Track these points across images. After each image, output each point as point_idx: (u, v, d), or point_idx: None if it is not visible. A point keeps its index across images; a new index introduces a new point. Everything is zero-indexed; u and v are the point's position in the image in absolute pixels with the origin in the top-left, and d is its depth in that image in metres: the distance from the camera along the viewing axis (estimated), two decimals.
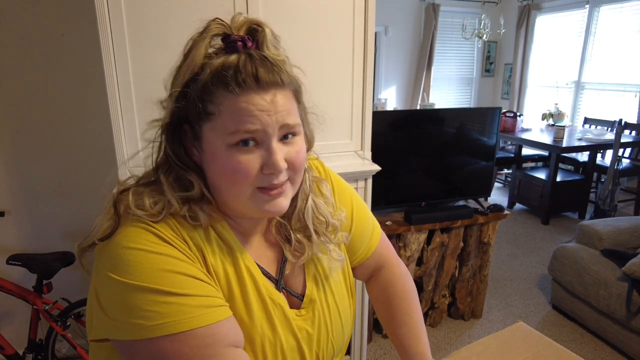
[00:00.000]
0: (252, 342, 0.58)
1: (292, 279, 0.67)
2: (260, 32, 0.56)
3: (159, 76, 1.64)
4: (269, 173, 0.55)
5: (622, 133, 3.44)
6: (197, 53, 0.55)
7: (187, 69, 0.55)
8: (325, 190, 0.71)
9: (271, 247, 0.67)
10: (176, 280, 0.51)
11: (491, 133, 2.33)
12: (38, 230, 1.97)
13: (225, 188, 0.56)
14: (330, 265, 0.69)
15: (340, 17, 1.63)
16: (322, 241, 0.67)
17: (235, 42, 0.54)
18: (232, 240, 0.60)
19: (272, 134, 0.54)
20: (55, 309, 1.73)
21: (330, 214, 0.69)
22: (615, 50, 4.45)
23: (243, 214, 0.61)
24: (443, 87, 5.88)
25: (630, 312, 2.02)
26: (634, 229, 2.44)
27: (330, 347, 0.68)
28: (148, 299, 0.49)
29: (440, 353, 2.24)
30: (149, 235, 0.53)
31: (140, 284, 0.49)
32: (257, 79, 0.52)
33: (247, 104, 0.52)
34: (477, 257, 2.40)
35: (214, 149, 0.54)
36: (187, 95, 0.54)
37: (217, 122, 0.53)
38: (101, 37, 1.39)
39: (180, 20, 1.47)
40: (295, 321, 0.63)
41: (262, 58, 0.54)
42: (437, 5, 5.29)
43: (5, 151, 1.85)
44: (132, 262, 0.50)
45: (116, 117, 1.45)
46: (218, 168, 0.55)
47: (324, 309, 0.68)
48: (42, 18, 1.76)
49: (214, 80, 0.52)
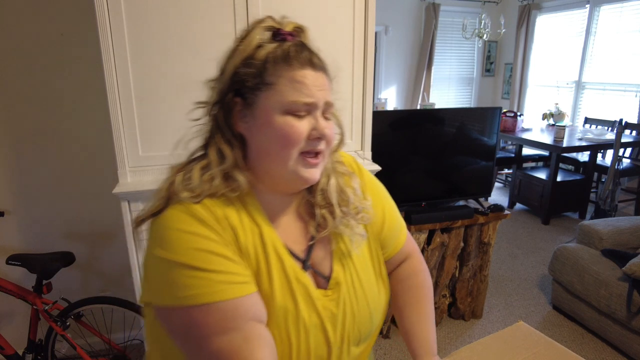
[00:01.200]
0: (276, 317, 0.63)
1: (320, 261, 0.71)
2: (303, 33, 0.67)
3: (159, 76, 1.64)
4: (315, 138, 0.63)
5: (622, 133, 3.43)
6: (251, 39, 0.63)
7: (242, 52, 0.63)
8: (354, 183, 0.76)
9: (299, 227, 0.71)
10: (205, 258, 0.58)
11: (491, 133, 2.33)
12: (38, 230, 1.97)
13: (274, 152, 0.63)
14: (353, 239, 0.73)
15: (340, 17, 1.63)
16: (344, 216, 0.71)
17: (285, 35, 0.64)
18: (262, 221, 0.66)
19: (320, 107, 0.63)
20: (55, 309, 1.73)
21: (355, 199, 0.74)
22: (615, 50, 4.45)
23: (279, 183, 0.67)
24: (443, 87, 5.88)
25: (631, 312, 2.02)
26: (634, 229, 2.43)
27: (356, 331, 0.70)
28: (180, 273, 0.57)
29: (440, 353, 2.22)
30: (188, 217, 0.60)
31: (175, 259, 0.57)
32: (311, 61, 0.63)
33: (304, 77, 0.61)
34: (478, 257, 2.40)
35: (268, 115, 0.62)
36: (241, 70, 0.63)
37: (274, 91, 0.61)
38: (101, 37, 1.39)
39: (180, 20, 1.47)
40: (320, 301, 0.67)
41: (312, 49, 0.65)
42: (437, 5, 5.29)
43: (5, 151, 1.85)
44: (170, 241, 0.58)
45: (116, 117, 1.45)
46: (271, 132, 0.62)
47: (350, 292, 0.70)
48: (42, 18, 1.76)
49: (277, 58, 0.61)
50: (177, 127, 1.61)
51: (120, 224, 1.49)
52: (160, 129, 1.52)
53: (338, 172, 0.74)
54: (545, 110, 4.75)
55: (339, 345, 0.68)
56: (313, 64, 0.63)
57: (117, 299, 1.77)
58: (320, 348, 0.66)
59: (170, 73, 1.50)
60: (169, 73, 1.49)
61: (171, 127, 1.54)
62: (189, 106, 1.78)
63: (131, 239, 1.49)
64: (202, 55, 1.51)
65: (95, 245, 2.06)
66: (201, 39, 1.50)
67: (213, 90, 0.67)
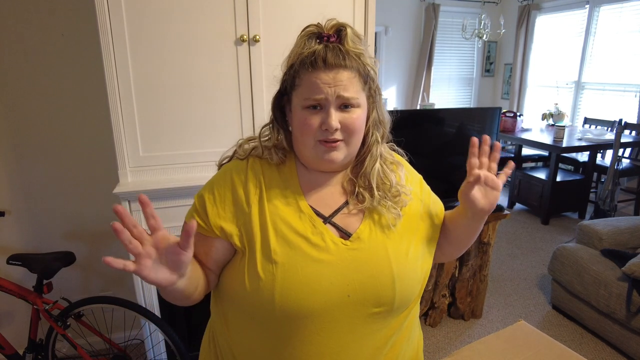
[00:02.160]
0: (287, 248, 0.74)
1: (347, 220, 0.80)
2: (343, 32, 0.76)
3: (159, 75, 1.64)
4: (325, 129, 0.73)
5: (622, 133, 3.44)
6: (297, 46, 0.77)
7: (289, 58, 0.78)
8: (400, 171, 0.87)
9: (334, 198, 0.82)
10: (212, 195, 0.79)
11: (491, 133, 2.33)
12: (38, 230, 1.97)
13: (299, 138, 0.78)
14: (388, 218, 0.80)
15: (341, 17, 1.63)
16: (382, 198, 0.80)
17: (323, 37, 0.75)
18: (293, 183, 0.81)
19: (331, 101, 0.73)
20: (55, 309, 1.73)
21: (396, 185, 0.83)
22: (615, 50, 4.45)
23: (310, 162, 0.80)
24: (443, 87, 5.88)
25: (630, 312, 2.02)
26: (633, 229, 2.44)
27: (374, 289, 0.75)
28: (198, 197, 0.81)
29: (440, 353, 2.24)
30: (233, 166, 0.83)
31: (202, 190, 0.82)
32: (325, 61, 0.72)
33: (316, 79, 0.72)
34: (477, 257, 2.40)
35: (296, 110, 0.76)
36: (287, 74, 0.78)
37: (299, 91, 0.75)
38: (101, 37, 1.39)
39: (180, 20, 1.47)
40: (335, 245, 0.76)
41: (334, 47, 0.73)
42: (437, 5, 5.29)
43: (5, 151, 1.85)
44: (213, 178, 0.83)
45: (116, 117, 1.46)
46: (296, 123, 0.77)
47: (372, 249, 0.77)
48: (42, 18, 1.76)
49: (300, 64, 0.74)
50: (177, 127, 1.62)
51: None
52: (161, 129, 1.52)
53: (387, 159, 0.85)
54: (544, 110, 4.76)
55: (353, 295, 0.73)
56: (326, 63, 0.72)
57: (118, 299, 1.77)
58: (332, 289, 0.72)
59: (171, 73, 1.50)
60: (169, 73, 1.50)
61: (171, 126, 1.54)
62: (189, 106, 1.78)
63: None
64: (203, 55, 1.51)
65: (96, 245, 2.06)
66: (201, 38, 1.50)
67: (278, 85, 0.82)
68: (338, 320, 0.74)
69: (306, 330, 0.73)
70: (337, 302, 0.73)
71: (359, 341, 0.76)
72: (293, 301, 0.71)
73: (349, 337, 0.75)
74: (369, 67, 0.76)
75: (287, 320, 0.72)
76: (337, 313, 0.73)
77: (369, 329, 0.76)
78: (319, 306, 0.72)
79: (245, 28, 1.53)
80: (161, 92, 1.50)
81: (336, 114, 0.73)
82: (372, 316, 0.76)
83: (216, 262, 0.80)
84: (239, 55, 1.54)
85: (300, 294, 0.71)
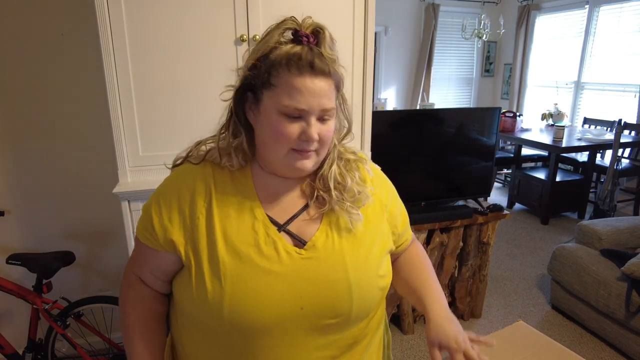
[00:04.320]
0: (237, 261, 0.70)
1: (305, 227, 0.76)
2: (321, 34, 0.72)
3: (159, 75, 1.64)
4: (304, 140, 0.70)
5: (621, 133, 3.44)
6: (271, 37, 0.70)
7: (261, 48, 0.71)
8: (365, 165, 0.84)
9: (292, 202, 0.78)
10: (159, 206, 0.76)
11: (491, 133, 2.33)
12: (38, 230, 1.97)
13: (269, 144, 0.72)
14: (349, 219, 0.77)
15: (340, 17, 1.63)
16: (340, 199, 0.78)
17: (302, 36, 0.70)
18: (248, 188, 0.76)
19: (313, 113, 0.69)
20: (55, 309, 1.73)
21: (354, 184, 0.80)
22: (615, 50, 4.45)
23: (276, 169, 0.76)
24: (443, 87, 5.88)
25: (630, 312, 2.03)
26: (633, 229, 2.44)
27: (327, 302, 0.71)
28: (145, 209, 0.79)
29: None
30: (182, 172, 0.79)
31: (150, 200, 0.79)
32: (312, 66, 0.67)
33: (300, 85, 0.67)
34: (477, 257, 2.40)
35: (268, 112, 0.70)
36: (257, 67, 0.70)
37: (275, 92, 0.68)
38: (101, 37, 1.39)
39: (180, 20, 1.47)
40: (289, 255, 0.72)
41: (319, 52, 0.69)
42: (437, 5, 5.29)
43: (5, 151, 1.85)
44: (161, 186, 0.80)
45: (116, 117, 1.45)
46: (268, 127, 0.70)
47: (328, 256, 0.74)
48: (42, 17, 1.76)
49: (282, 61, 0.68)
50: (177, 127, 1.62)
51: (120, 223, 1.49)
52: (161, 129, 1.52)
53: (347, 159, 0.82)
54: (544, 110, 4.76)
55: (307, 308, 0.70)
56: (313, 69, 0.68)
57: (117, 298, 1.77)
58: (284, 301, 0.69)
59: (171, 72, 1.50)
60: (169, 72, 1.50)
61: (171, 126, 1.54)
62: (189, 106, 1.78)
63: (131, 238, 1.49)
64: (203, 54, 1.51)
65: (95, 244, 2.06)
66: (201, 38, 1.50)
67: (238, 78, 0.75)
68: (291, 334, 0.71)
69: (258, 344, 0.70)
70: (290, 316, 0.70)
71: (315, 352, 0.73)
72: (243, 315, 0.68)
73: (303, 349, 0.72)
74: (339, 73, 0.73)
75: (238, 335, 0.70)
76: (290, 326, 0.70)
77: (324, 340, 0.73)
78: (271, 320, 0.69)
79: (245, 28, 1.52)
80: (161, 91, 1.50)
81: (316, 125, 0.70)
82: (328, 327, 0.73)
83: (165, 273, 0.79)
84: (239, 55, 1.54)
85: (250, 308, 0.68)
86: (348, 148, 0.84)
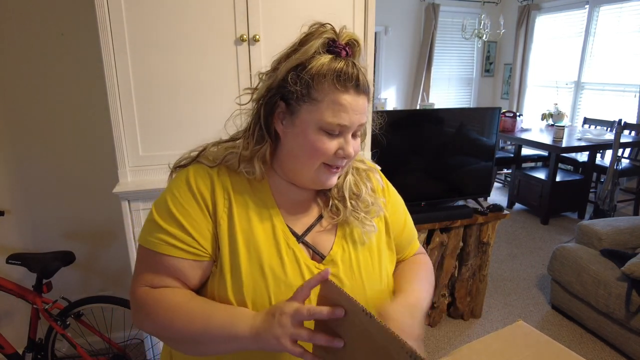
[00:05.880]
0: (262, 266, 0.69)
1: (321, 242, 0.76)
2: (356, 47, 0.69)
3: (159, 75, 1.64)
4: (340, 157, 0.69)
5: (621, 133, 3.44)
6: (311, 46, 0.66)
7: (299, 57, 0.67)
8: (373, 178, 0.83)
9: (308, 213, 0.78)
10: (169, 218, 0.69)
11: (491, 133, 2.33)
12: (38, 230, 1.97)
13: (300, 157, 0.70)
14: (362, 230, 0.77)
15: (340, 17, 1.63)
16: (354, 209, 0.77)
17: (340, 48, 0.67)
18: (268, 198, 0.74)
19: (352, 129, 0.69)
20: (55, 308, 1.73)
21: (367, 195, 0.80)
22: (615, 50, 4.45)
23: (300, 181, 0.74)
24: (443, 87, 5.88)
25: (630, 311, 2.03)
26: (633, 229, 2.44)
27: None
28: (150, 220, 0.71)
29: (439, 353, 2.24)
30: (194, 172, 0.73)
31: (153, 210, 0.72)
32: (357, 85, 0.66)
33: (346, 102, 0.66)
34: (477, 257, 2.40)
35: (305, 126, 0.67)
36: (295, 77, 0.66)
37: (317, 107, 0.66)
38: (101, 37, 1.39)
39: (180, 20, 1.47)
40: (309, 269, 0.71)
41: (360, 69, 0.67)
42: (437, 5, 5.29)
43: (5, 151, 1.85)
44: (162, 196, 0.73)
45: (116, 117, 1.45)
46: (304, 142, 0.68)
47: (345, 272, 0.74)
48: (42, 18, 1.76)
49: (326, 75, 0.65)
50: (177, 127, 1.62)
51: (120, 223, 1.49)
52: (161, 129, 1.52)
53: (357, 168, 0.82)
54: (544, 110, 4.76)
55: None
56: (358, 87, 0.67)
57: (117, 298, 1.77)
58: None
59: (171, 72, 1.50)
60: (169, 73, 1.50)
61: (171, 126, 1.54)
62: (189, 106, 1.78)
63: (131, 238, 1.49)
64: (202, 54, 1.51)
65: (95, 244, 2.06)
66: (201, 38, 1.50)
67: (263, 83, 0.71)
68: (309, 345, 0.69)
69: (275, 357, 0.70)
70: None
71: None
72: None
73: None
74: (370, 86, 0.71)
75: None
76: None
77: None
78: None
79: (245, 28, 1.52)
80: (161, 91, 1.50)
81: (351, 142, 0.69)
82: None
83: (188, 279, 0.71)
84: (239, 55, 1.54)
85: None
86: (357, 156, 0.82)
